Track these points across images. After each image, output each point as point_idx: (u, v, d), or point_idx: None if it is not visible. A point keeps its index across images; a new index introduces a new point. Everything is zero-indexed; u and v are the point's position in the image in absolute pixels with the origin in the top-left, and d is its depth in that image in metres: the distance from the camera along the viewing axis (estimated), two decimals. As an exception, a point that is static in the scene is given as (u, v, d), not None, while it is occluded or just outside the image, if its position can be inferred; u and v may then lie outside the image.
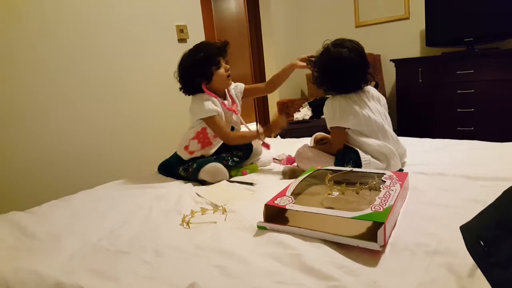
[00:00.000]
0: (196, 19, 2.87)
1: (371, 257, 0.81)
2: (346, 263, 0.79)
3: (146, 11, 2.51)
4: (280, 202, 1.00)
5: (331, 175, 1.15)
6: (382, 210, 0.89)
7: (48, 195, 1.64)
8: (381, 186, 1.06)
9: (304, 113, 3.43)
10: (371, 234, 0.84)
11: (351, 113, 1.40)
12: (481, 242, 0.56)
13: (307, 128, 2.86)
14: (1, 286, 0.85)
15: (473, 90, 3.01)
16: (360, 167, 1.35)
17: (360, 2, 3.88)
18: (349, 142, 1.45)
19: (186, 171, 1.61)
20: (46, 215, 1.29)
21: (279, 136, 3.01)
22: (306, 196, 1.08)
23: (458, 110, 3.11)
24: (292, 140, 2.24)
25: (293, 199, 1.02)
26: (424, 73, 3.23)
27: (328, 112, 1.46)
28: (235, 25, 5.24)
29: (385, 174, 1.17)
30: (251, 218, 1.05)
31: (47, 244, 1.05)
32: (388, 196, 0.98)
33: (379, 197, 0.97)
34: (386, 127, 1.45)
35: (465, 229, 0.62)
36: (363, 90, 1.48)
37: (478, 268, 0.56)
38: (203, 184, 1.52)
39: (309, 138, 1.77)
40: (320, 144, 1.65)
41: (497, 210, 0.60)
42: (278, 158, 1.72)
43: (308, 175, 1.23)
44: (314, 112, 3.40)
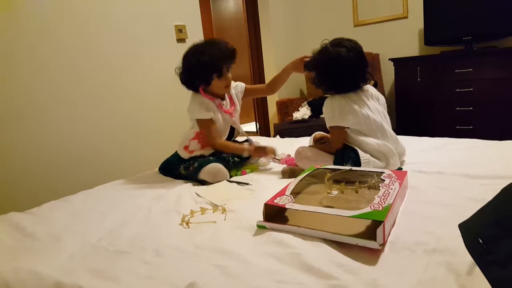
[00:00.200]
0: (195, 19, 2.87)
1: (371, 256, 0.82)
2: (346, 262, 0.80)
3: (145, 11, 2.52)
4: (280, 201, 1.00)
5: (331, 174, 1.15)
6: (381, 209, 0.89)
7: (48, 195, 1.64)
8: (380, 185, 1.06)
9: (303, 113, 3.43)
10: (371, 233, 0.84)
11: (350, 112, 1.40)
12: (480, 240, 0.56)
13: (306, 128, 2.86)
14: (1, 286, 0.85)
15: (472, 89, 3.01)
16: (359, 166, 1.35)
17: (359, 1, 3.88)
18: (348, 141, 1.45)
19: (187, 170, 1.61)
20: (46, 216, 1.29)
21: (278, 136, 3.02)
22: (306, 195, 1.08)
23: (457, 109, 3.12)
24: (291, 140, 2.24)
25: (293, 198, 1.02)
26: (423, 72, 3.24)
27: (328, 112, 1.46)
28: (234, 25, 5.24)
29: (384, 173, 1.17)
30: (251, 218, 1.05)
31: (47, 245, 1.05)
32: (387, 195, 0.98)
33: (378, 196, 0.97)
34: (385, 126, 1.46)
35: (464, 227, 0.62)
36: (362, 89, 1.48)
37: (477, 266, 0.56)
38: (203, 184, 1.52)
39: (308, 138, 1.78)
40: (320, 143, 1.66)
41: (496, 208, 0.60)
42: (278, 158, 1.72)
43: (308, 174, 1.23)
44: (313, 112, 3.40)
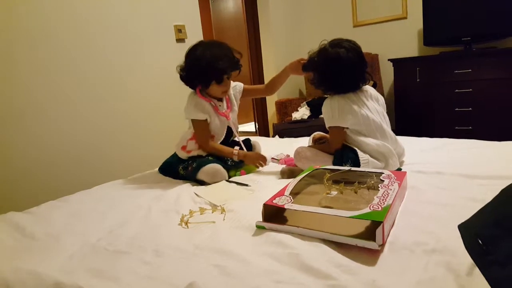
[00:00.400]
0: (194, 19, 2.87)
1: (370, 256, 0.82)
2: (345, 262, 0.80)
3: (145, 11, 2.51)
4: (279, 202, 1.00)
5: (330, 175, 1.15)
6: (381, 209, 0.89)
7: (48, 195, 1.64)
8: (380, 185, 1.06)
9: (303, 113, 3.43)
10: (370, 233, 0.84)
11: (350, 113, 1.40)
12: (479, 241, 0.56)
13: (306, 128, 2.87)
14: (1, 286, 0.85)
15: (471, 89, 3.01)
16: (359, 167, 1.35)
17: (358, 2, 3.89)
18: (348, 142, 1.45)
19: (186, 170, 1.61)
20: (45, 216, 1.28)
21: (277, 136, 3.02)
22: (305, 196, 1.08)
23: (456, 109, 3.12)
24: (291, 140, 2.24)
25: (292, 199, 1.02)
26: (422, 73, 3.24)
27: (327, 112, 1.46)
28: (233, 25, 5.24)
29: (384, 174, 1.17)
30: (250, 218, 1.05)
31: (46, 245, 1.05)
32: (387, 195, 0.98)
33: (378, 196, 0.97)
34: (385, 127, 1.46)
35: (464, 228, 0.62)
36: (361, 90, 1.48)
37: (477, 267, 0.56)
38: (202, 184, 1.52)
39: (308, 138, 1.78)
40: (319, 144, 1.66)
41: (495, 209, 0.60)
42: (277, 158, 1.72)
43: (307, 175, 1.23)
44: (313, 112, 3.40)
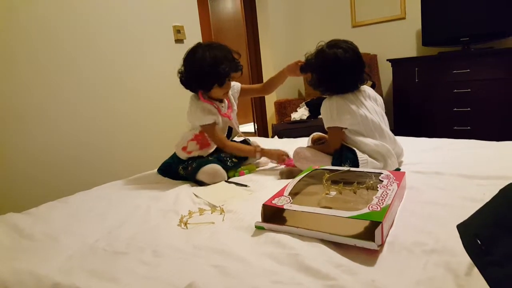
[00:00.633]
0: (193, 20, 2.87)
1: (369, 256, 0.82)
2: (344, 262, 0.80)
3: (144, 12, 2.51)
4: (278, 202, 1.00)
5: (329, 175, 1.15)
6: (380, 210, 0.90)
7: (48, 196, 1.64)
8: (379, 186, 1.06)
9: (302, 113, 3.44)
10: (369, 234, 0.84)
11: (348, 113, 1.40)
12: (478, 241, 0.56)
13: (305, 128, 2.87)
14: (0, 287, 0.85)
15: (469, 90, 3.02)
16: (358, 167, 1.35)
17: (357, 2, 3.89)
18: (346, 142, 1.45)
19: (186, 170, 1.61)
20: (44, 216, 1.28)
21: (276, 136, 3.02)
22: (304, 196, 1.08)
23: (455, 110, 3.12)
24: (290, 140, 2.24)
25: (291, 199, 1.02)
26: (421, 73, 3.24)
27: (325, 112, 1.46)
28: (232, 26, 5.24)
29: (383, 174, 1.17)
30: (249, 218, 1.05)
31: (45, 245, 1.05)
32: (386, 196, 0.98)
33: (377, 197, 0.97)
34: (383, 126, 1.46)
35: (462, 228, 0.62)
36: (359, 90, 1.48)
37: (475, 267, 0.56)
38: (201, 185, 1.52)
39: (307, 138, 1.78)
40: (318, 144, 1.66)
41: (494, 209, 0.60)
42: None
43: (306, 175, 1.23)
44: (312, 112, 3.40)
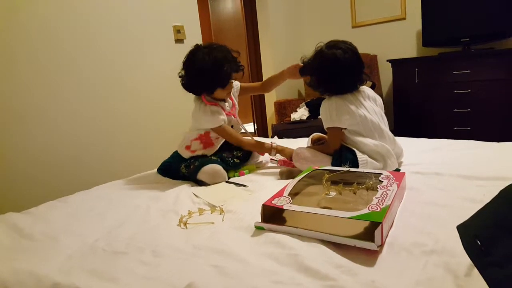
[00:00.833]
0: (193, 20, 2.87)
1: (369, 257, 0.82)
2: (344, 263, 0.80)
3: (144, 12, 2.51)
4: (278, 202, 1.00)
5: (328, 175, 1.15)
6: (379, 210, 0.90)
7: (48, 196, 1.64)
8: (378, 186, 1.06)
9: (301, 114, 3.43)
10: (369, 234, 0.84)
11: (347, 113, 1.41)
12: (478, 242, 0.56)
13: (304, 128, 2.87)
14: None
15: (470, 90, 3.02)
16: (357, 167, 1.35)
17: (357, 3, 3.89)
18: (346, 142, 1.45)
19: (188, 168, 1.61)
20: (43, 216, 1.28)
21: (276, 136, 3.02)
22: (304, 196, 1.08)
23: (455, 110, 3.12)
24: (289, 140, 2.24)
25: (291, 199, 1.02)
26: (421, 73, 3.24)
27: (325, 113, 1.47)
28: (232, 26, 5.24)
29: (382, 174, 1.17)
30: (249, 219, 1.05)
31: (45, 245, 1.05)
32: (385, 196, 0.98)
33: (376, 197, 0.97)
34: (383, 127, 1.46)
35: (462, 229, 0.62)
36: (358, 90, 1.48)
37: (475, 267, 0.56)
38: (201, 185, 1.52)
39: (306, 138, 1.78)
40: (317, 145, 1.66)
41: (494, 210, 0.60)
42: (275, 159, 1.72)
43: (306, 175, 1.23)
44: (311, 113, 3.40)
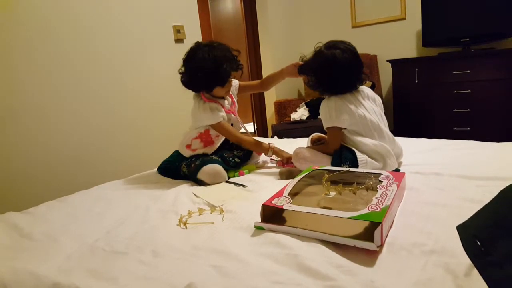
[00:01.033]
0: (193, 20, 2.87)
1: (368, 257, 0.82)
2: (343, 263, 0.80)
3: (144, 12, 2.51)
4: (278, 202, 1.00)
5: (328, 175, 1.15)
6: (379, 210, 0.90)
7: (48, 195, 1.64)
8: (378, 186, 1.06)
9: (301, 113, 3.43)
10: (368, 234, 0.84)
11: (347, 113, 1.41)
12: (478, 242, 0.56)
13: (304, 128, 2.87)
14: (-1, 287, 0.85)
15: (470, 90, 3.02)
16: (357, 167, 1.35)
17: (357, 3, 3.89)
18: (346, 142, 1.45)
19: (189, 167, 1.60)
20: (43, 216, 1.28)
21: (276, 136, 3.02)
22: (303, 196, 1.08)
23: (455, 110, 3.13)
24: (289, 140, 2.24)
25: (290, 199, 1.02)
26: (421, 74, 3.25)
27: (324, 113, 1.47)
28: (232, 26, 5.24)
29: (382, 174, 1.17)
30: (249, 218, 1.05)
31: (44, 245, 1.05)
32: (385, 196, 0.98)
33: (376, 197, 0.97)
34: (382, 127, 1.46)
35: (462, 229, 0.62)
36: (358, 90, 1.48)
37: (475, 268, 0.56)
38: (201, 185, 1.52)
39: (306, 138, 1.78)
40: (317, 145, 1.66)
41: (494, 210, 0.60)
42: (275, 159, 1.72)
43: (305, 175, 1.23)
44: (311, 112, 3.40)
